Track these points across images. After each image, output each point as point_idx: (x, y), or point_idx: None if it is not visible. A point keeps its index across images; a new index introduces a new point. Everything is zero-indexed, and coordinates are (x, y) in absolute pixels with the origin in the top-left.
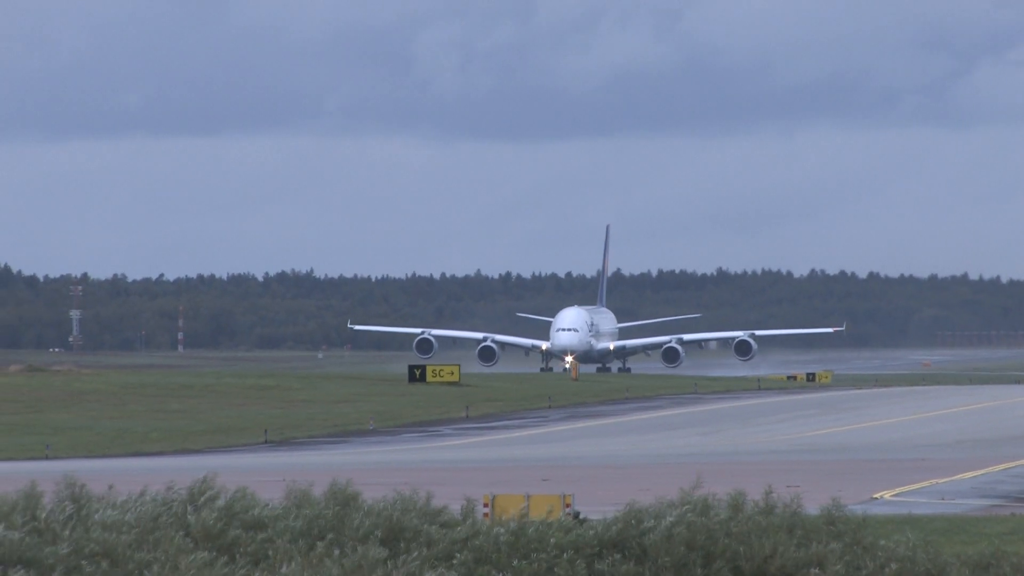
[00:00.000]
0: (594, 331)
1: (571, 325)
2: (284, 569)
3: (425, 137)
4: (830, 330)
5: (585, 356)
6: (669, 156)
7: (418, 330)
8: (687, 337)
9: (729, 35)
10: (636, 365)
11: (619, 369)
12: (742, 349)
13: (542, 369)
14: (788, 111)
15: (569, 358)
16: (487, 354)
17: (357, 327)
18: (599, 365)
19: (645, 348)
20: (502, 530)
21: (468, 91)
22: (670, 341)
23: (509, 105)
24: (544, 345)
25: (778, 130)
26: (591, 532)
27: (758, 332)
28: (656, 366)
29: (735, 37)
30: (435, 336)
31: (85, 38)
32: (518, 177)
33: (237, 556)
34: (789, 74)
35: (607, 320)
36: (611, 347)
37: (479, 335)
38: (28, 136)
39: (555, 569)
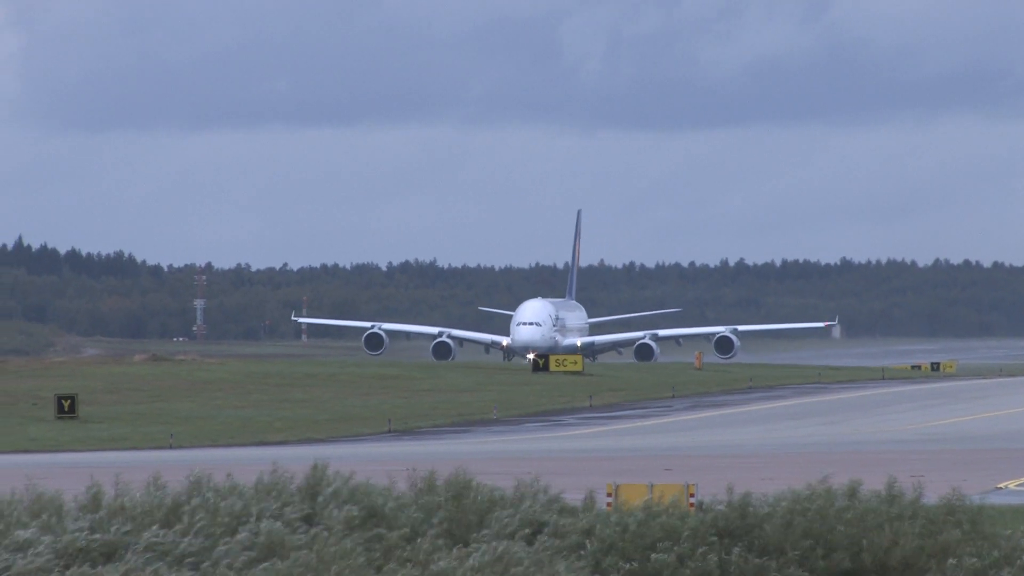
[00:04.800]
0: (559, 325)
1: (532, 319)
2: (440, 562)
3: (563, 126)
4: (820, 324)
5: (548, 353)
6: (803, 145)
7: (368, 324)
8: (662, 333)
9: (871, 24)
10: (607, 363)
11: None
12: (723, 346)
13: None
14: (927, 101)
15: (531, 355)
16: (443, 350)
17: (302, 320)
18: None
19: (616, 345)
20: (629, 520)
21: (609, 80)
22: (643, 337)
23: (647, 94)
24: (505, 341)
25: (916, 120)
26: (709, 521)
27: (740, 327)
28: (628, 364)
29: (877, 26)
30: (386, 330)
31: (229, 29)
32: (650, 167)
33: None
34: (930, 64)
35: (575, 314)
36: (578, 343)
37: (434, 330)
38: (169, 126)
39: (687, 562)
